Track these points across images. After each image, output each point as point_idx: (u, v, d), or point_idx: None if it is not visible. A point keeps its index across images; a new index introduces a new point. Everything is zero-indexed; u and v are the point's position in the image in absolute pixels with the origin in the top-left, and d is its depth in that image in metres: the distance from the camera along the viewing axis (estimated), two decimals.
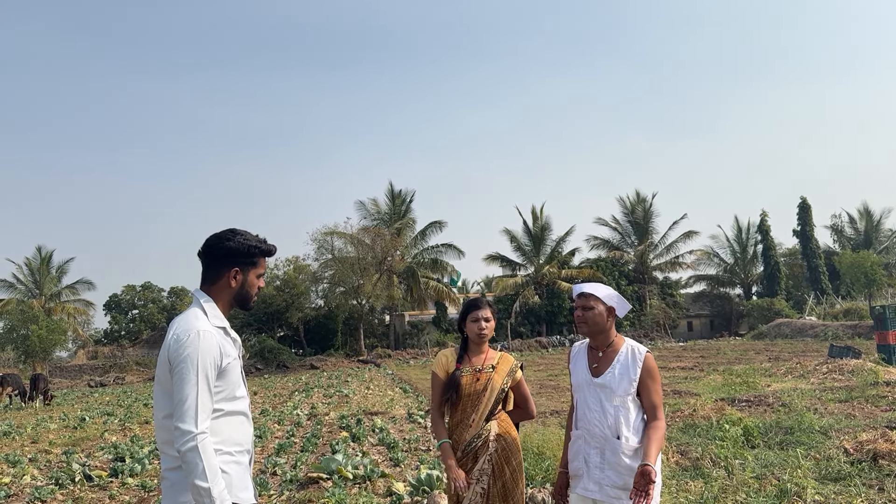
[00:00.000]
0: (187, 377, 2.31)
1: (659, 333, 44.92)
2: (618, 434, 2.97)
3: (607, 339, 3.12)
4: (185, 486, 2.33)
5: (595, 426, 3.03)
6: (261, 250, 2.59)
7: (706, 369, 19.34)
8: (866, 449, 6.59)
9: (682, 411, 9.79)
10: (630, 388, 3.01)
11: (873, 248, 49.16)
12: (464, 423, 3.46)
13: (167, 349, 2.38)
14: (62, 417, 17.68)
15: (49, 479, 8.46)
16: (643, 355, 3.06)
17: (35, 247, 51.14)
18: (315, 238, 43.67)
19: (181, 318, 2.46)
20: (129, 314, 63.66)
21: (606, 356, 3.10)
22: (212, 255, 2.55)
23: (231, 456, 2.44)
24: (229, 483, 2.40)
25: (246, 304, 2.62)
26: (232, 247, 2.53)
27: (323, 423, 12.66)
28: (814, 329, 35.14)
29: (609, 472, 2.97)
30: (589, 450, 3.04)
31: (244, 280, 2.58)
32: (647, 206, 51.38)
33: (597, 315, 3.08)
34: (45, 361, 40.88)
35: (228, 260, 2.54)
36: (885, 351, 16.41)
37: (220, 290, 2.55)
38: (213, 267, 2.55)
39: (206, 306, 2.49)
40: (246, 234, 2.59)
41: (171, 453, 2.38)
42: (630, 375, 3.02)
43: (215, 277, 2.55)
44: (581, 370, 3.17)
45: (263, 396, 20.84)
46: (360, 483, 7.07)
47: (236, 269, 2.55)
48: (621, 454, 2.95)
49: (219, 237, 2.56)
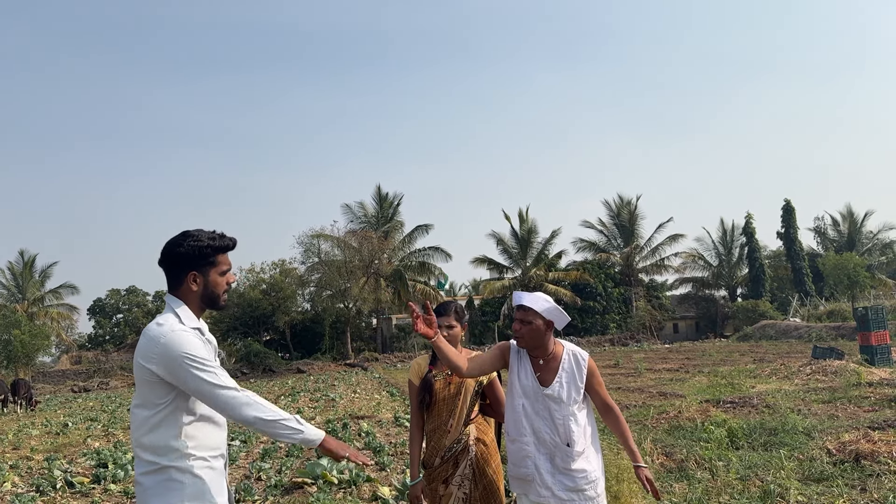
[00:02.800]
0: (191, 369, 2.32)
1: (645, 335, 45.15)
2: (568, 442, 3.03)
3: (546, 351, 3.15)
4: (159, 491, 2.33)
5: (545, 434, 3.06)
6: (214, 248, 2.51)
7: (691, 371, 19.44)
8: (849, 449, 6.64)
9: (667, 413, 9.82)
10: (578, 395, 3.08)
11: (856, 251, 49.63)
12: (441, 429, 3.44)
13: (149, 352, 2.35)
14: (45, 423, 17.47)
15: (30, 486, 8.35)
16: (586, 360, 3.13)
17: (18, 251, 50.72)
18: (302, 241, 43.59)
19: (157, 323, 2.43)
20: (114, 318, 63.04)
21: (549, 365, 3.13)
22: (168, 263, 2.52)
23: (206, 461, 2.42)
24: (203, 489, 2.38)
25: (215, 304, 2.56)
26: (183, 252, 2.48)
27: None
28: (798, 331, 35.45)
29: (560, 476, 3.03)
30: (539, 456, 3.07)
31: (206, 282, 2.52)
32: (633, 208, 51.68)
33: (534, 330, 3.09)
34: (28, 367, 40.40)
35: (184, 265, 2.49)
36: (867, 352, 16.53)
37: (186, 294, 2.51)
38: (173, 274, 2.51)
39: (179, 311, 2.47)
40: (198, 234, 2.52)
41: (146, 457, 2.36)
42: (577, 383, 3.09)
43: (178, 284, 2.51)
44: (527, 376, 3.15)
45: None
46: (346, 488, 7.04)
47: (194, 272, 2.50)
48: (571, 460, 3.02)
49: (171, 244, 2.51)
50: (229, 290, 2.64)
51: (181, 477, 2.35)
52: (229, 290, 2.64)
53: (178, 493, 2.33)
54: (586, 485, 3.02)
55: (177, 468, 2.34)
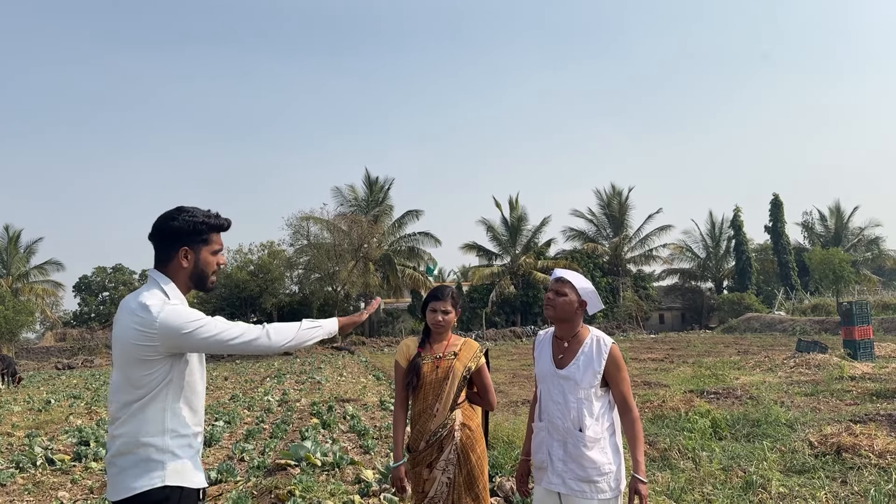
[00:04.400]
0: (202, 335, 2.32)
1: (631, 325, 45.41)
2: (580, 427, 2.93)
3: (572, 330, 3.07)
4: (137, 473, 2.29)
5: (558, 418, 2.99)
6: (209, 225, 2.46)
7: (676, 361, 19.58)
8: (830, 442, 6.69)
9: (651, 402, 9.86)
10: (594, 380, 2.96)
11: (842, 246, 50.04)
12: (427, 413, 3.40)
13: (146, 330, 2.28)
14: (27, 400, 17.33)
15: (10, 463, 8.26)
16: (608, 346, 3.00)
17: (3, 225, 50.11)
18: (290, 223, 43.32)
19: (145, 295, 2.35)
20: (100, 296, 62.54)
21: (571, 347, 3.05)
22: (159, 236, 2.45)
23: (185, 439, 2.39)
24: (183, 467, 2.35)
25: (203, 285, 2.51)
26: (177, 226, 2.41)
27: (294, 409, 12.56)
28: (782, 324, 35.76)
29: (572, 464, 2.93)
30: (552, 442, 3.00)
31: (196, 259, 2.46)
32: (623, 199, 51.81)
33: (567, 303, 3.02)
34: (11, 343, 40.08)
35: (176, 239, 2.43)
36: (850, 346, 16.69)
37: (174, 271, 2.45)
38: (163, 248, 2.45)
39: (167, 288, 2.40)
40: (194, 210, 2.47)
41: (125, 437, 2.31)
42: (594, 367, 2.97)
43: (166, 259, 2.45)
44: (545, 361, 3.12)
45: (234, 382, 20.64)
46: (329, 470, 7.01)
47: (185, 248, 2.43)
48: (583, 447, 2.91)
49: (165, 217, 2.45)
50: (219, 271, 2.58)
51: (160, 457, 2.31)
52: (219, 271, 2.58)
53: (158, 473, 2.30)
54: (599, 476, 2.89)
55: (157, 447, 2.30)
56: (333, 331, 2.69)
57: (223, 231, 2.54)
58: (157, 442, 2.31)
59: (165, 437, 2.32)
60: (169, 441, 2.33)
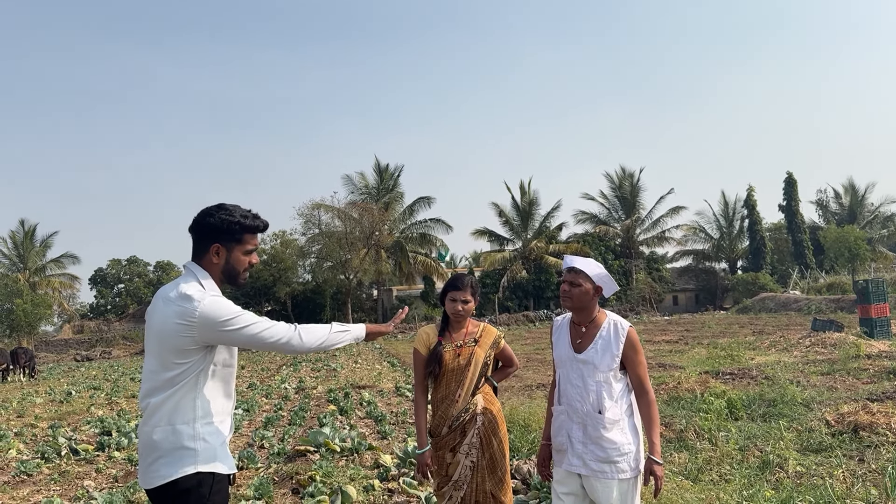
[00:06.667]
0: (241, 329, 2.39)
1: (645, 307, 45.28)
2: (599, 409, 2.97)
3: (589, 316, 3.11)
4: (171, 461, 2.36)
5: (577, 402, 3.03)
6: (243, 226, 2.52)
7: (691, 343, 19.54)
8: (847, 421, 6.69)
9: (666, 384, 9.88)
10: (613, 363, 3.01)
11: (857, 223, 49.55)
12: (449, 399, 3.45)
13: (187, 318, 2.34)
14: (48, 391, 17.60)
15: (35, 453, 8.43)
16: (626, 330, 3.05)
17: (18, 220, 50.64)
18: (302, 212, 43.45)
19: (183, 286, 2.41)
20: (115, 288, 63.22)
21: (589, 331, 3.09)
22: (197, 230, 2.53)
23: (216, 425, 2.46)
24: (214, 454, 2.41)
25: (234, 281, 2.58)
26: (212, 223, 2.49)
27: (311, 396, 12.69)
28: (797, 303, 35.53)
29: (592, 446, 2.97)
30: (572, 425, 3.04)
31: (228, 257, 2.53)
32: (635, 180, 51.50)
33: (582, 293, 3.06)
34: (30, 336, 40.64)
35: (211, 236, 2.50)
36: (867, 325, 16.58)
37: (208, 265, 2.52)
38: (199, 242, 2.53)
39: (204, 281, 2.47)
40: (232, 209, 2.53)
41: (158, 421, 2.38)
42: (612, 350, 3.01)
43: (201, 252, 2.52)
44: (564, 345, 3.16)
45: (251, 370, 20.85)
46: (348, 455, 7.10)
47: (217, 245, 2.50)
48: (602, 429, 2.95)
49: (204, 212, 2.53)
50: (250, 269, 2.64)
51: (193, 444, 2.37)
52: (250, 269, 2.64)
53: (191, 460, 2.36)
54: (618, 457, 2.93)
55: (189, 434, 2.37)
56: (361, 336, 2.77)
57: (259, 232, 2.60)
58: (189, 429, 2.37)
59: (197, 423, 2.38)
60: (200, 428, 2.39)
